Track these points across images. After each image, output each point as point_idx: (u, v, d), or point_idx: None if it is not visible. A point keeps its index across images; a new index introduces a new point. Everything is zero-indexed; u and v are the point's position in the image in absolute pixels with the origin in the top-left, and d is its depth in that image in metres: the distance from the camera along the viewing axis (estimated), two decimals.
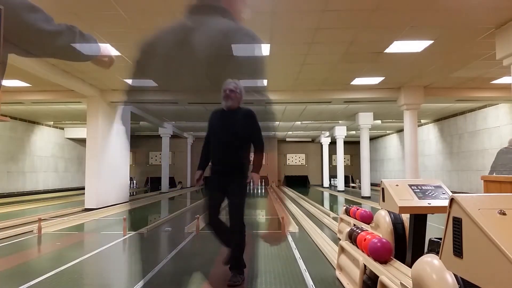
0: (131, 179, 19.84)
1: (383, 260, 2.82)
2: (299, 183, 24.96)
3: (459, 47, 6.92)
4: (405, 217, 3.17)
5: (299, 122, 16.93)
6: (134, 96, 11.60)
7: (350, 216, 5.68)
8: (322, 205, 11.84)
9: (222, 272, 4.01)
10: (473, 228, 1.27)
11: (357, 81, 9.45)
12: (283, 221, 6.50)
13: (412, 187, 2.73)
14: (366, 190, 14.17)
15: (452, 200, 1.42)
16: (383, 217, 3.31)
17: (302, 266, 4.12)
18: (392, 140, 22.04)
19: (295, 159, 26.78)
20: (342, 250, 3.66)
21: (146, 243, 5.69)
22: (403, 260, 2.87)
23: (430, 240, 2.51)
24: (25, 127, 15.98)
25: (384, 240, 2.90)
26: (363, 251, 3.09)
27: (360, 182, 15.46)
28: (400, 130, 19.32)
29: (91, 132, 10.41)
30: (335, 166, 19.77)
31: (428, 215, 2.75)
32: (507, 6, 5.25)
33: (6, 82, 9.20)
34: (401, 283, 2.25)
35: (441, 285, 1.67)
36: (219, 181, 3.35)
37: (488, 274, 1.20)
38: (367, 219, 5.02)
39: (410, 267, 2.26)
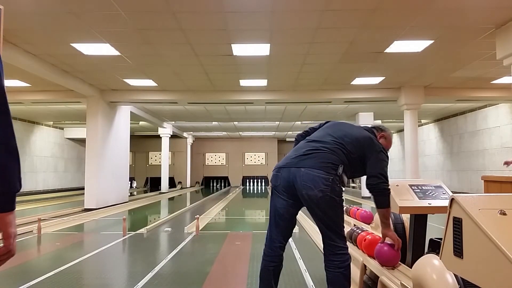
0: (131, 179, 19.87)
1: (390, 266, 2.76)
2: None
3: (459, 47, 6.92)
4: (406, 217, 3.16)
5: (299, 122, 16.93)
6: (134, 96, 11.64)
7: (350, 216, 5.67)
8: None
9: (222, 272, 4.01)
10: (474, 228, 1.27)
11: (357, 81, 9.45)
12: None
13: (413, 187, 2.72)
14: (366, 190, 14.14)
15: (452, 200, 1.41)
16: None
17: (302, 266, 4.12)
18: (392, 140, 22.03)
19: None
20: None
21: (146, 243, 5.69)
22: (403, 260, 2.87)
23: (430, 240, 2.50)
24: (25, 127, 15.98)
25: (391, 245, 2.88)
26: (363, 251, 3.09)
27: (360, 182, 15.46)
28: (400, 130, 19.33)
29: (91, 132, 10.41)
30: None
31: (428, 215, 2.74)
32: (507, 6, 5.25)
33: (6, 82, 9.19)
34: (401, 283, 2.25)
35: (442, 285, 1.66)
36: None
37: (488, 274, 1.20)
38: (367, 219, 5.01)
39: (411, 267, 2.26)
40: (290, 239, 5.75)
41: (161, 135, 18.29)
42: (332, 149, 2.39)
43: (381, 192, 2.46)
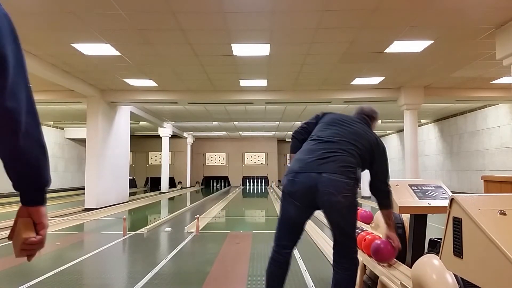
0: (133, 179, 19.87)
1: (386, 262, 2.80)
2: None
3: (459, 47, 6.92)
4: (405, 217, 3.17)
5: (299, 122, 16.90)
6: (134, 96, 11.64)
7: None
8: None
9: (222, 272, 4.01)
10: (473, 228, 1.27)
11: (357, 81, 9.45)
12: None
13: (412, 187, 2.73)
14: (366, 190, 14.17)
15: (452, 200, 1.42)
16: None
17: (302, 266, 4.12)
18: (392, 140, 22.04)
19: None
20: None
21: (146, 243, 5.69)
22: (403, 260, 2.87)
23: (430, 240, 2.51)
24: None
25: (387, 242, 2.91)
26: (363, 251, 3.09)
27: (360, 182, 15.46)
28: (400, 130, 19.33)
29: (91, 132, 10.41)
30: None
31: (428, 215, 2.75)
32: (507, 6, 5.25)
33: None
34: (401, 283, 2.25)
35: (441, 285, 1.66)
36: None
37: (488, 274, 1.20)
38: (367, 219, 5.00)
39: (410, 267, 2.26)
40: None
41: (161, 135, 18.29)
42: (349, 151, 2.32)
43: (385, 195, 2.47)
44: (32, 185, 0.98)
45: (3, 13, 0.88)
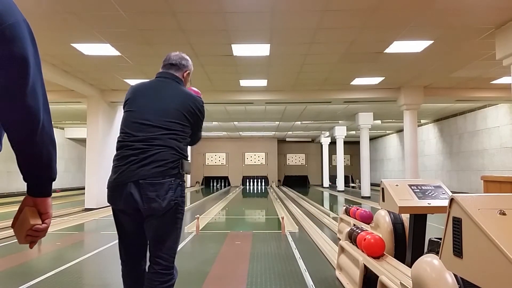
0: None
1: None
2: (299, 183, 25.01)
3: (459, 47, 6.92)
4: (405, 217, 3.17)
5: (299, 122, 16.93)
6: None
7: (350, 216, 5.68)
8: (322, 205, 11.86)
9: (222, 272, 4.02)
10: (473, 228, 1.27)
11: (357, 81, 9.45)
12: (283, 221, 6.51)
13: (412, 187, 2.73)
14: (366, 190, 14.18)
15: (452, 200, 1.42)
16: (383, 217, 3.31)
17: (302, 266, 4.12)
18: (392, 140, 22.05)
19: (295, 159, 26.82)
20: (342, 250, 3.66)
21: None
22: (403, 260, 2.88)
23: (430, 240, 2.51)
24: None
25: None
26: (363, 251, 3.09)
27: (360, 182, 15.48)
28: (400, 130, 19.34)
29: (91, 132, 10.41)
30: (335, 166, 19.80)
31: (428, 215, 2.75)
32: (507, 6, 5.25)
33: None
34: (401, 283, 2.26)
35: (441, 285, 1.67)
36: None
37: (488, 274, 1.20)
38: (367, 219, 5.02)
39: (410, 267, 2.26)
40: (290, 239, 5.77)
41: None
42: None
43: None
44: (43, 177, 1.05)
45: (23, 19, 0.97)
